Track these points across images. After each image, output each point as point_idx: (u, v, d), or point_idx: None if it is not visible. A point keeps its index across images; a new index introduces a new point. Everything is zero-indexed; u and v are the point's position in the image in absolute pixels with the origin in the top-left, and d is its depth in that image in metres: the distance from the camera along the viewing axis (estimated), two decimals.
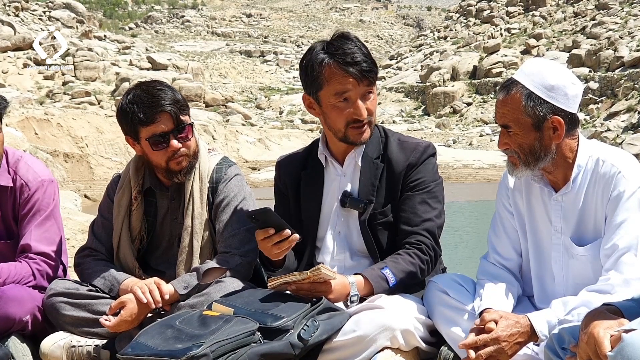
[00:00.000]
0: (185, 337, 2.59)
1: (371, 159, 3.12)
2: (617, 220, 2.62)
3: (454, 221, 17.20)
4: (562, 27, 57.89)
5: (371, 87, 3.01)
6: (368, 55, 2.97)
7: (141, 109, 3.10)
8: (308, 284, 2.81)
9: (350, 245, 3.15)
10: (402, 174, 3.09)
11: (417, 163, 3.09)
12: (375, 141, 3.15)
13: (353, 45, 2.96)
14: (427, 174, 3.10)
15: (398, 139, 3.18)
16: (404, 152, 3.12)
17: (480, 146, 36.63)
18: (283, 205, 3.30)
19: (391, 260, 2.99)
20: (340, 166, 3.17)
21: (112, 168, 22.44)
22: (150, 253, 3.38)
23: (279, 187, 3.33)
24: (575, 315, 2.48)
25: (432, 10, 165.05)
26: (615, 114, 37.20)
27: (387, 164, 3.11)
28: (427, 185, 3.09)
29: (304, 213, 3.21)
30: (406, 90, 56.77)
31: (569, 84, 2.66)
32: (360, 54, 2.94)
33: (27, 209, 3.38)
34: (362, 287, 2.91)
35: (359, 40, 3.01)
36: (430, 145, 3.17)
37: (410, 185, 3.08)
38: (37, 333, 3.20)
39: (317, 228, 3.19)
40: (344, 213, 3.15)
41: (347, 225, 3.16)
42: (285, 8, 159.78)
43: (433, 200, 3.09)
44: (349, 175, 3.15)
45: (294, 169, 3.27)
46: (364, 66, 2.93)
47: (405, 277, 2.96)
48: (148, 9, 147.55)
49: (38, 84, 43.28)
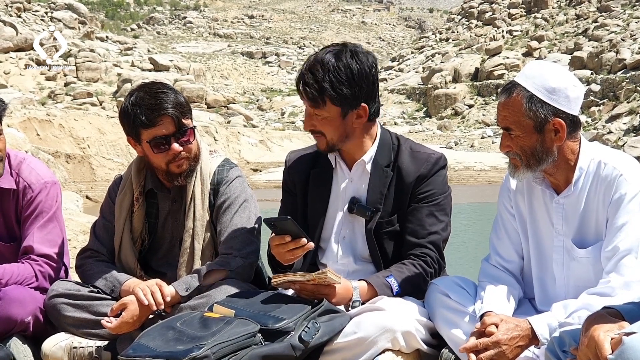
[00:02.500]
0: (187, 339, 2.59)
1: (381, 167, 3.11)
2: (619, 222, 2.62)
3: (456, 223, 17.14)
4: (564, 29, 57.87)
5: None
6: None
7: (143, 112, 3.10)
8: (312, 285, 2.81)
9: (355, 250, 3.15)
10: (411, 184, 3.07)
11: (427, 175, 3.08)
12: (387, 148, 3.13)
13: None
14: (437, 186, 3.09)
15: (410, 148, 3.15)
16: (415, 163, 3.09)
17: (481, 148, 36.61)
18: (290, 202, 3.29)
19: (396, 269, 3.00)
20: (349, 170, 3.16)
21: (114, 169, 22.43)
22: (152, 254, 3.38)
23: (286, 183, 3.33)
24: (576, 318, 2.48)
25: (434, 12, 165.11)
26: (617, 117, 37.18)
27: (397, 173, 3.09)
28: (436, 198, 3.08)
29: (310, 212, 3.21)
30: (408, 92, 56.77)
31: (571, 86, 2.66)
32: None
33: (29, 210, 3.38)
34: (365, 292, 2.93)
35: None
36: (442, 157, 3.15)
37: (420, 196, 3.07)
38: (38, 334, 3.20)
39: (322, 229, 3.19)
40: (349, 219, 3.14)
41: (352, 230, 3.15)
42: (287, 10, 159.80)
43: (440, 213, 3.09)
44: (356, 180, 3.14)
45: (303, 167, 3.26)
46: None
47: (409, 287, 2.97)
48: (150, 10, 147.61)
49: (40, 85, 43.30)
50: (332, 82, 2.90)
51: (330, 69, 2.90)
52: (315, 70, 2.91)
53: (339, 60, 2.92)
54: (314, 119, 3.00)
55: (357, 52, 2.96)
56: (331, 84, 2.91)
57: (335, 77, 2.90)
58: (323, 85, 2.91)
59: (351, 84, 2.92)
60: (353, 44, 3.05)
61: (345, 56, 2.93)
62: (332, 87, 2.91)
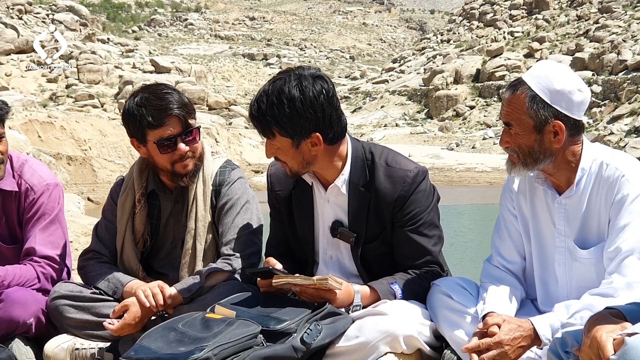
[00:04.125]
0: (188, 340, 2.59)
1: (356, 187, 3.00)
2: (621, 223, 2.62)
3: (457, 224, 17.18)
4: (566, 30, 57.81)
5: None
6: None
7: (150, 112, 3.10)
8: (313, 289, 2.80)
9: (343, 269, 3.13)
10: (391, 206, 2.97)
11: (407, 195, 2.95)
12: (359, 166, 3.01)
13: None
14: (419, 204, 2.98)
15: (386, 163, 3.00)
16: (392, 184, 2.96)
17: (483, 149, 36.55)
18: (277, 218, 3.25)
19: (400, 277, 2.99)
20: (324, 190, 3.07)
21: (115, 171, 22.40)
22: (154, 256, 3.38)
23: (271, 200, 3.26)
24: (578, 319, 2.48)
25: (435, 14, 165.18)
26: (619, 118, 37.13)
27: (375, 195, 2.98)
28: (420, 217, 2.98)
29: (299, 231, 3.18)
30: (409, 94, 56.71)
31: (575, 90, 2.65)
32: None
33: (32, 212, 3.38)
34: (367, 297, 2.92)
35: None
36: (419, 172, 2.99)
37: (404, 220, 2.98)
38: (40, 336, 3.21)
39: (314, 245, 3.17)
40: (334, 240, 3.11)
41: (338, 251, 3.13)
42: (288, 11, 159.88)
43: (429, 228, 3.01)
44: (333, 200, 3.06)
45: (284, 185, 3.17)
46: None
47: (412, 295, 2.95)
48: (151, 12, 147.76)
49: (41, 87, 43.28)
50: (274, 115, 2.80)
51: (274, 101, 2.79)
52: (260, 102, 2.82)
53: (282, 93, 2.79)
54: (272, 148, 2.93)
55: (302, 80, 2.81)
56: (274, 117, 2.80)
57: (278, 110, 2.79)
58: (267, 118, 2.82)
59: (293, 117, 2.79)
60: (302, 68, 2.91)
61: (288, 86, 2.80)
62: (275, 120, 2.81)
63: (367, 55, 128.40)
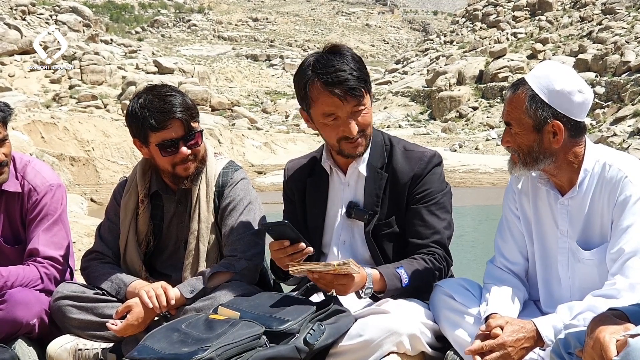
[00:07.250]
0: (191, 341, 2.59)
1: (375, 169, 3.10)
2: (624, 224, 2.62)
3: (460, 225, 17.16)
4: (569, 31, 57.77)
5: (359, 104, 2.93)
6: (358, 69, 2.90)
7: (153, 115, 3.09)
8: (331, 275, 2.77)
9: (355, 254, 3.14)
10: (407, 185, 3.07)
11: (422, 174, 3.07)
12: (379, 150, 3.13)
13: (340, 61, 2.89)
14: (434, 184, 3.08)
15: (403, 148, 3.14)
16: (409, 163, 3.09)
17: (486, 150, 36.53)
18: (291, 210, 3.31)
19: (407, 262, 2.99)
20: (344, 175, 3.16)
21: (118, 172, 22.44)
22: (157, 256, 3.38)
23: (286, 192, 3.35)
24: (581, 320, 2.48)
25: (438, 15, 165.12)
26: (622, 119, 37.06)
27: (392, 174, 3.09)
28: (434, 197, 3.07)
29: (309, 220, 3.22)
30: (412, 95, 56.71)
31: (576, 91, 2.65)
32: (347, 71, 2.87)
33: (35, 213, 3.39)
34: (377, 281, 2.90)
35: (349, 54, 2.94)
36: (435, 155, 3.14)
37: (417, 197, 3.07)
38: (43, 336, 3.21)
39: (323, 235, 3.20)
40: (348, 223, 3.15)
41: (351, 235, 3.16)
42: (291, 12, 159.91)
43: (441, 211, 3.08)
44: (353, 184, 3.15)
45: (300, 175, 3.28)
46: (349, 84, 2.86)
47: (418, 281, 2.95)
48: (154, 13, 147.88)
49: (44, 88, 43.35)
50: (361, 69, 2.94)
51: (355, 57, 2.92)
52: (350, 63, 2.90)
53: (346, 53, 2.94)
54: (362, 117, 2.98)
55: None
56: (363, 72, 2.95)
57: (360, 64, 2.93)
58: (362, 74, 2.93)
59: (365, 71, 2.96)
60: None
61: (347, 49, 2.97)
62: (365, 75, 2.96)
63: (370, 56, 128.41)
